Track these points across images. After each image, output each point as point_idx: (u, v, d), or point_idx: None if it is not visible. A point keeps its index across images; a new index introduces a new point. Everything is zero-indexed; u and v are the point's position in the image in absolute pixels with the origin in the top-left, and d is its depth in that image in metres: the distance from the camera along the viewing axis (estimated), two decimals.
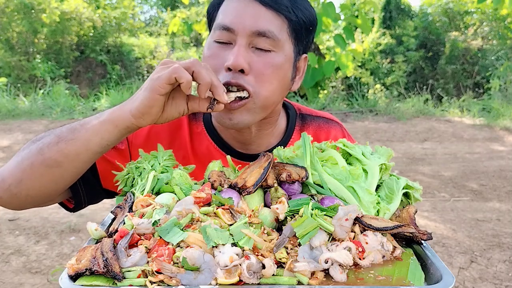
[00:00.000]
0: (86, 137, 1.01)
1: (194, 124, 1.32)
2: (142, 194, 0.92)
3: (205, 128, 1.31)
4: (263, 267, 0.70)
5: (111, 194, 1.28)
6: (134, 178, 1.01)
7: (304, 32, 1.15)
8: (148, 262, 0.72)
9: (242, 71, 1.07)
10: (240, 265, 0.69)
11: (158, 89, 0.93)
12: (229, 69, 1.07)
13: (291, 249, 0.77)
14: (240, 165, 1.08)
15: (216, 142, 1.29)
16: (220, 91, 0.97)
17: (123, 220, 0.84)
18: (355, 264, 0.75)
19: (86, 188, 1.23)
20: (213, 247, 0.73)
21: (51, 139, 1.05)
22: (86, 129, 1.02)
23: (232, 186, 0.94)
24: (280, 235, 0.80)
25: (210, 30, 1.20)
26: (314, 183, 0.97)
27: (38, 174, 1.05)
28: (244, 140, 1.27)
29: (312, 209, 0.80)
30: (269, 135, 1.29)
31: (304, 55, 1.23)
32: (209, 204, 0.86)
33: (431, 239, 0.83)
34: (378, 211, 0.93)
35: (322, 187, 0.96)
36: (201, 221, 0.79)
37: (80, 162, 1.04)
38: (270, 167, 0.95)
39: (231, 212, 0.84)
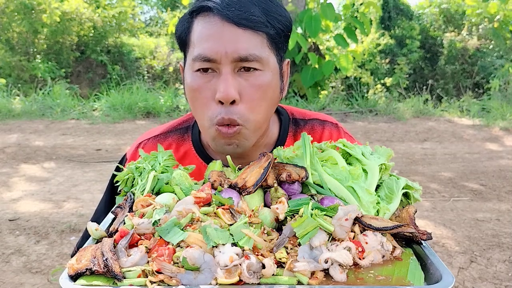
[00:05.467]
0: None
1: (182, 145, 1.30)
2: (142, 194, 0.92)
3: (194, 148, 1.28)
4: (263, 267, 0.70)
5: None
6: (134, 178, 1.01)
7: (283, 39, 1.11)
8: (148, 262, 0.72)
9: (233, 101, 1.03)
10: (240, 265, 0.69)
11: None
12: (220, 102, 1.03)
13: (291, 249, 0.77)
14: (240, 165, 1.08)
15: (207, 162, 1.26)
16: None
17: (123, 220, 0.85)
18: (355, 264, 0.75)
19: None
20: (213, 247, 0.73)
21: None
22: None
23: (232, 186, 0.94)
24: (280, 235, 0.80)
25: (183, 52, 1.15)
26: (314, 183, 0.97)
27: None
28: (239, 155, 1.23)
29: (312, 209, 0.80)
30: (262, 145, 1.27)
31: (286, 60, 1.19)
32: (209, 204, 0.86)
33: (431, 239, 0.83)
34: (378, 211, 0.93)
35: (322, 187, 0.96)
36: (201, 221, 0.80)
37: None
38: (270, 167, 0.95)
39: (231, 212, 0.84)
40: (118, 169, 1.19)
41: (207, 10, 1.05)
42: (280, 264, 0.74)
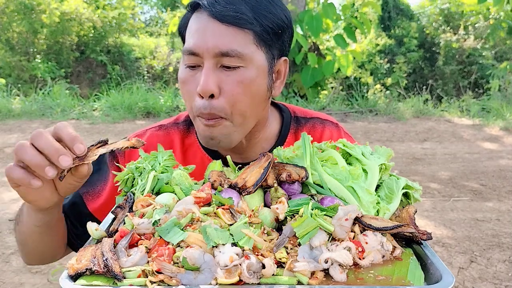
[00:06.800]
0: (25, 220, 1.08)
1: (186, 137, 1.33)
2: (142, 194, 0.92)
3: (198, 140, 1.31)
4: (263, 267, 0.70)
5: None
6: (134, 178, 1.01)
7: (273, 37, 1.11)
8: (148, 262, 0.72)
9: (212, 95, 1.06)
10: (240, 265, 0.69)
11: (10, 185, 0.91)
12: (201, 95, 1.06)
13: (291, 249, 0.77)
14: (240, 165, 1.08)
15: (209, 154, 1.28)
16: (54, 158, 0.83)
17: (123, 220, 0.84)
18: (355, 264, 0.75)
19: (83, 239, 1.27)
20: (213, 247, 0.73)
21: (15, 221, 1.15)
22: (23, 211, 1.09)
23: (232, 186, 0.94)
24: (280, 235, 0.80)
25: None
26: (314, 183, 0.97)
27: (23, 249, 1.19)
28: (237, 150, 1.26)
29: (312, 209, 0.80)
30: (261, 141, 1.29)
31: (283, 58, 1.19)
32: (209, 204, 0.86)
33: (431, 239, 0.83)
34: (378, 211, 0.93)
35: (322, 187, 0.96)
36: (201, 221, 0.80)
37: (37, 239, 1.11)
38: (270, 167, 0.95)
39: (231, 212, 0.84)
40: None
41: (198, 7, 1.09)
42: (280, 264, 0.74)
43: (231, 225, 0.79)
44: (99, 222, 1.25)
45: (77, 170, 0.90)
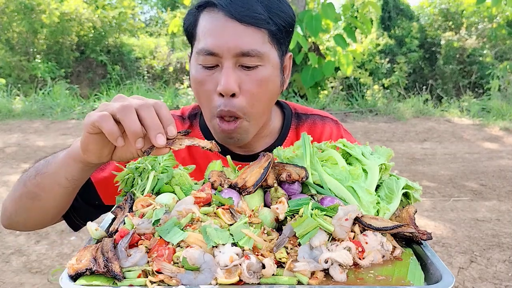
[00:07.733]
0: (54, 171, 1.04)
1: (190, 129, 1.34)
2: (142, 194, 0.92)
3: (201, 132, 1.33)
4: (263, 267, 0.70)
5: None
6: (134, 178, 1.01)
7: (285, 35, 1.15)
8: (148, 262, 0.72)
9: (233, 94, 1.08)
10: (240, 265, 0.69)
11: (87, 128, 0.89)
12: (221, 94, 1.08)
13: (291, 249, 0.77)
14: (240, 165, 1.08)
15: None
16: (153, 133, 0.84)
17: (123, 220, 0.84)
18: (355, 264, 0.75)
19: (80, 213, 1.28)
20: (213, 247, 0.73)
21: (31, 172, 1.11)
22: (55, 162, 1.05)
23: (232, 186, 0.94)
24: (280, 235, 0.80)
25: (190, 45, 1.20)
26: (314, 183, 0.97)
27: (26, 205, 1.12)
28: (242, 144, 1.29)
29: (312, 209, 0.80)
30: (264, 135, 1.32)
31: (288, 54, 1.23)
32: (209, 204, 0.86)
33: (431, 239, 0.83)
34: (378, 211, 0.93)
35: (322, 187, 0.96)
36: (201, 221, 0.80)
37: (55, 195, 1.08)
38: (270, 167, 0.95)
39: (231, 212, 0.84)
40: None
41: (212, 6, 1.10)
42: (280, 264, 0.74)
43: (231, 225, 0.79)
44: (98, 197, 1.26)
45: (158, 151, 0.88)
